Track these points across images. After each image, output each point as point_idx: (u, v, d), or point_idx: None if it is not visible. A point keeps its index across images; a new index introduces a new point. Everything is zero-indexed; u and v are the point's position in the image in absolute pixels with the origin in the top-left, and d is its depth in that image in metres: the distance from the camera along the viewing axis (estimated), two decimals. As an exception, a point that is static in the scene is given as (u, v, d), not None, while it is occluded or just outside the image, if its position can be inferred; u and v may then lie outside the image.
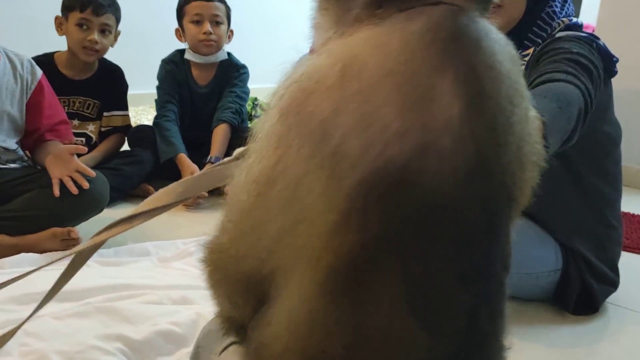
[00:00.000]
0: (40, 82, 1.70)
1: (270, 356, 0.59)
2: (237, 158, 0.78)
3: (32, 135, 1.70)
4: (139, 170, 2.11)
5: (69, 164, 1.58)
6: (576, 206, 1.39)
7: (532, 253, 1.37)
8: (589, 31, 3.69)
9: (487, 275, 0.57)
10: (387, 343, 0.54)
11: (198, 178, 0.86)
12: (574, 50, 1.23)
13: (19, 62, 1.66)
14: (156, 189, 2.27)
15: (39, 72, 1.71)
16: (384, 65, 0.54)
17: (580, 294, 1.40)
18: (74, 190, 1.55)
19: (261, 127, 0.59)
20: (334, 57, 0.56)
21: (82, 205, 1.60)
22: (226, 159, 0.83)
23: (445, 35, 0.55)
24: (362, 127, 0.52)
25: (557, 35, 1.33)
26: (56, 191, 1.54)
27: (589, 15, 3.85)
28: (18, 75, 1.65)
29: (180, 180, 0.87)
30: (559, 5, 1.37)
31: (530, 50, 1.35)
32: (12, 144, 1.66)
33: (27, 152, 1.76)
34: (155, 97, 2.35)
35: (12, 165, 1.67)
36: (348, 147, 0.52)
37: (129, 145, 2.26)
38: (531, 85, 1.18)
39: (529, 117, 0.60)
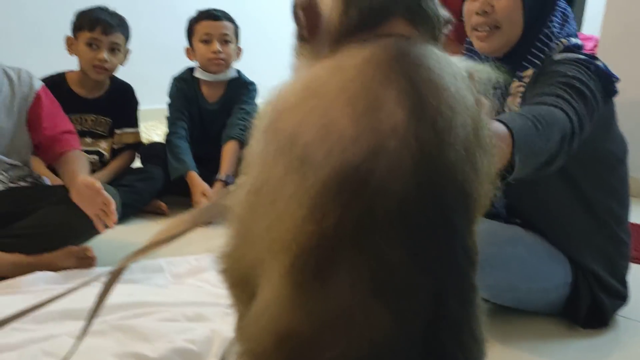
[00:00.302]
0: (38, 94, 1.68)
1: (249, 336, 0.67)
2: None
3: (39, 149, 1.71)
4: (150, 187, 2.14)
5: (95, 198, 1.54)
6: (584, 222, 1.41)
7: (542, 268, 1.38)
8: (592, 43, 3.68)
9: (448, 263, 0.63)
10: (352, 322, 0.60)
11: (205, 209, 0.91)
12: (569, 74, 1.24)
13: (16, 76, 1.65)
14: (168, 205, 2.29)
15: (37, 84, 1.70)
16: (339, 83, 0.65)
17: (590, 308, 1.41)
18: (102, 230, 1.56)
19: (250, 148, 0.70)
20: (300, 80, 0.69)
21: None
22: (229, 190, 0.89)
23: (390, 56, 0.66)
24: (322, 135, 0.62)
25: (556, 57, 1.34)
26: (101, 227, 1.56)
27: (592, 26, 3.87)
28: (16, 89, 1.64)
29: (188, 212, 0.91)
30: (557, 25, 1.37)
31: (529, 72, 1.36)
32: (15, 159, 1.66)
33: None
34: (165, 112, 2.38)
35: (22, 183, 1.68)
36: (312, 154, 0.61)
37: (141, 162, 2.29)
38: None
39: (480, 127, 0.67)
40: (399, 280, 0.60)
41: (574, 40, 1.38)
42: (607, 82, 1.31)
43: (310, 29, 0.74)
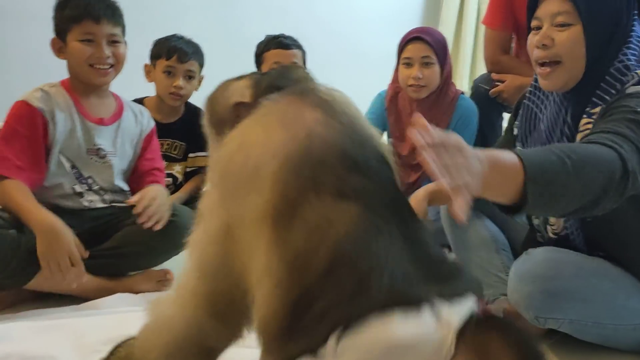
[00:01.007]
0: (152, 130, 1.86)
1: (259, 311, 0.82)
2: None
3: (132, 174, 1.81)
4: (221, 209, 2.18)
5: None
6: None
7: (628, 304, 1.32)
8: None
9: (391, 186, 0.87)
10: (330, 221, 0.79)
11: None
12: (638, 110, 1.17)
13: (139, 112, 1.84)
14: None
15: (153, 122, 1.88)
16: (265, 117, 0.89)
17: (682, 347, 1.33)
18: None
19: (204, 202, 0.93)
20: (233, 138, 0.91)
21: (174, 238, 1.62)
22: None
23: (296, 93, 0.92)
24: (265, 146, 0.84)
25: (628, 90, 1.25)
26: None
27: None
28: (138, 123, 1.81)
29: None
30: (633, 58, 1.29)
31: (599, 108, 1.28)
32: (125, 185, 1.77)
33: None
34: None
35: (103, 205, 1.72)
36: (263, 160, 0.83)
37: (212, 184, 2.33)
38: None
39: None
40: (358, 186, 0.81)
41: None
42: None
43: (232, 116, 0.98)
